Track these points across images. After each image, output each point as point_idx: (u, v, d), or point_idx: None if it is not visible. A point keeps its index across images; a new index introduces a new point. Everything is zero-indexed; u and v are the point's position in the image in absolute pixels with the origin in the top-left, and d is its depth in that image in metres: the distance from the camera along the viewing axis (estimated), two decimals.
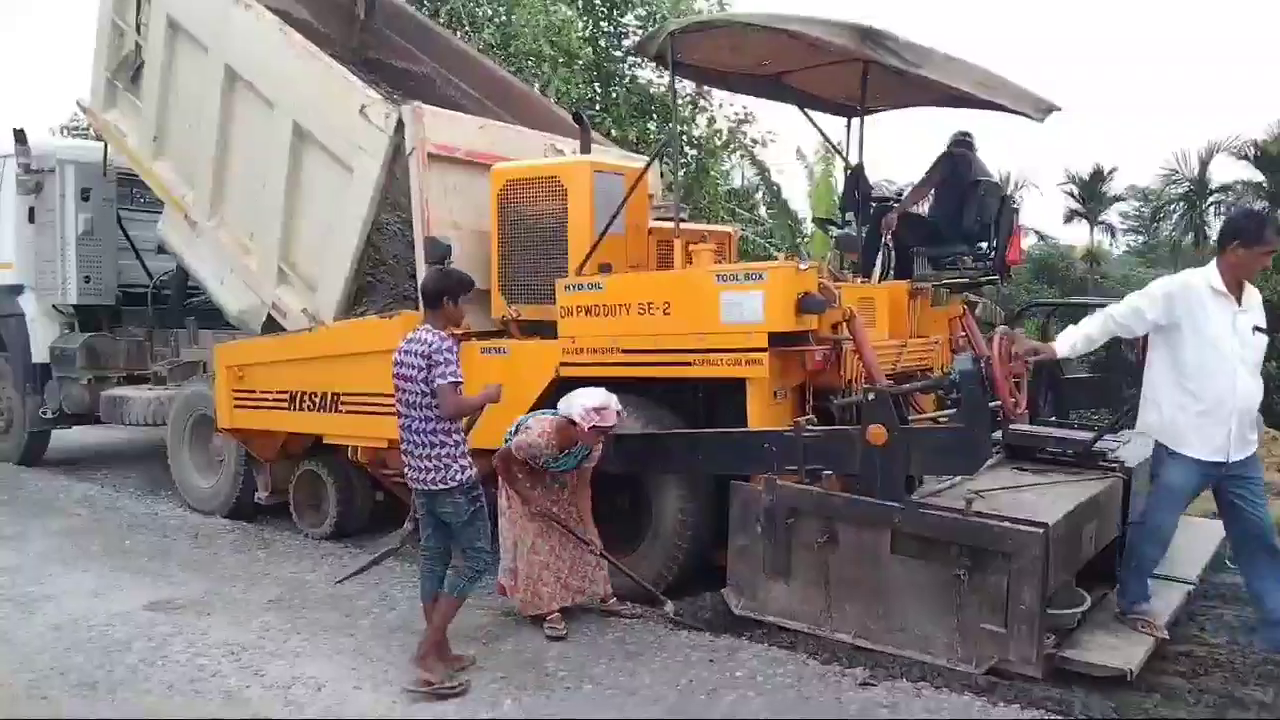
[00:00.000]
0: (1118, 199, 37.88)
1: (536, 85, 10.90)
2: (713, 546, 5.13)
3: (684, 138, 12.39)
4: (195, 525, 7.10)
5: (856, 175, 6.07)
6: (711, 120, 12.75)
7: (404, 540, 5.60)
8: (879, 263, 6.35)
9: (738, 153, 14.75)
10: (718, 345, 4.90)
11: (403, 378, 4.31)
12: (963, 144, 6.23)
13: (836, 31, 4.67)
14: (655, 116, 12.30)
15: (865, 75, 5.55)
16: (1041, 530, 3.95)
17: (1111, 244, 39.95)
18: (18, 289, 9.15)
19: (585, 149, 6.46)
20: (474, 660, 4.41)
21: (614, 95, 12.68)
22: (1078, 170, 36.68)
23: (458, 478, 4.24)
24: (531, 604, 4.82)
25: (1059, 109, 5.84)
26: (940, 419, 4.67)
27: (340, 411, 6.19)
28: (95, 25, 8.07)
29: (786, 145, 32.39)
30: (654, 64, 5.81)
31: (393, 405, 5.74)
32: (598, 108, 11.86)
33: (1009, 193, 6.27)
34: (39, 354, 9.06)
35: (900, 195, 6.61)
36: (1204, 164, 33.53)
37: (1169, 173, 34.72)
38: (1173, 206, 35.54)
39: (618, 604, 5.07)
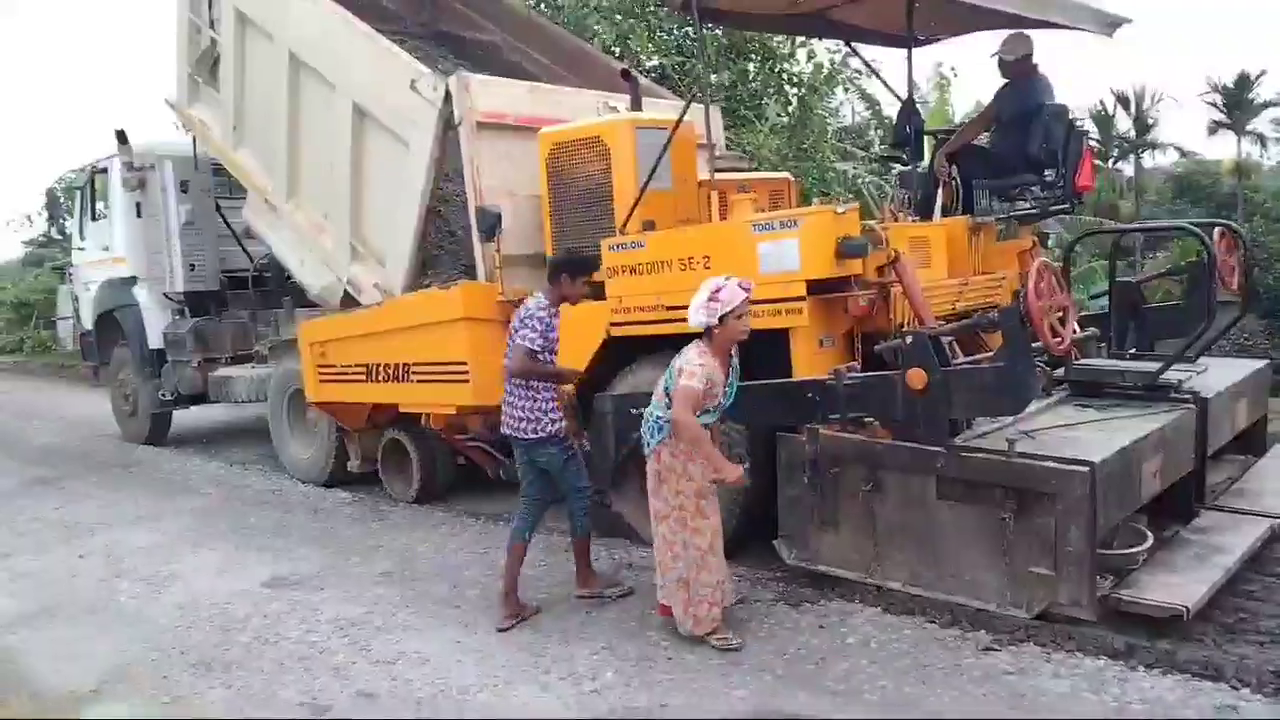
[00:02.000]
0: (1268, 104, 35.16)
1: (612, 39, 10.72)
2: (771, 499, 5.12)
3: (784, 76, 12.01)
4: (315, 500, 7.35)
5: (908, 110, 5.84)
6: (812, 54, 12.09)
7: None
8: (950, 199, 6.11)
9: (844, 87, 14.00)
10: (758, 296, 4.80)
11: (509, 337, 4.72)
12: (1020, 70, 5.87)
13: None
14: (755, 57, 11.78)
15: (912, 4, 5.32)
16: (1087, 469, 3.79)
17: (1263, 155, 37.20)
18: (131, 281, 9.82)
19: (636, 105, 6.42)
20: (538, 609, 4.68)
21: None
22: (1220, 78, 34.09)
23: (549, 429, 4.68)
24: (706, 623, 4.19)
25: (1127, 21, 5.49)
26: (981, 360, 4.49)
27: (411, 381, 6.41)
28: (174, 24, 8.47)
29: (894, 75, 30.96)
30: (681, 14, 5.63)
31: (458, 373, 6.00)
32: (681, 55, 11.46)
33: (1075, 117, 5.85)
34: (154, 340, 9.71)
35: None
36: None
37: None
38: None
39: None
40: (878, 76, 7.65)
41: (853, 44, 6.16)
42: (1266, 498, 4.88)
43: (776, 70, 11.90)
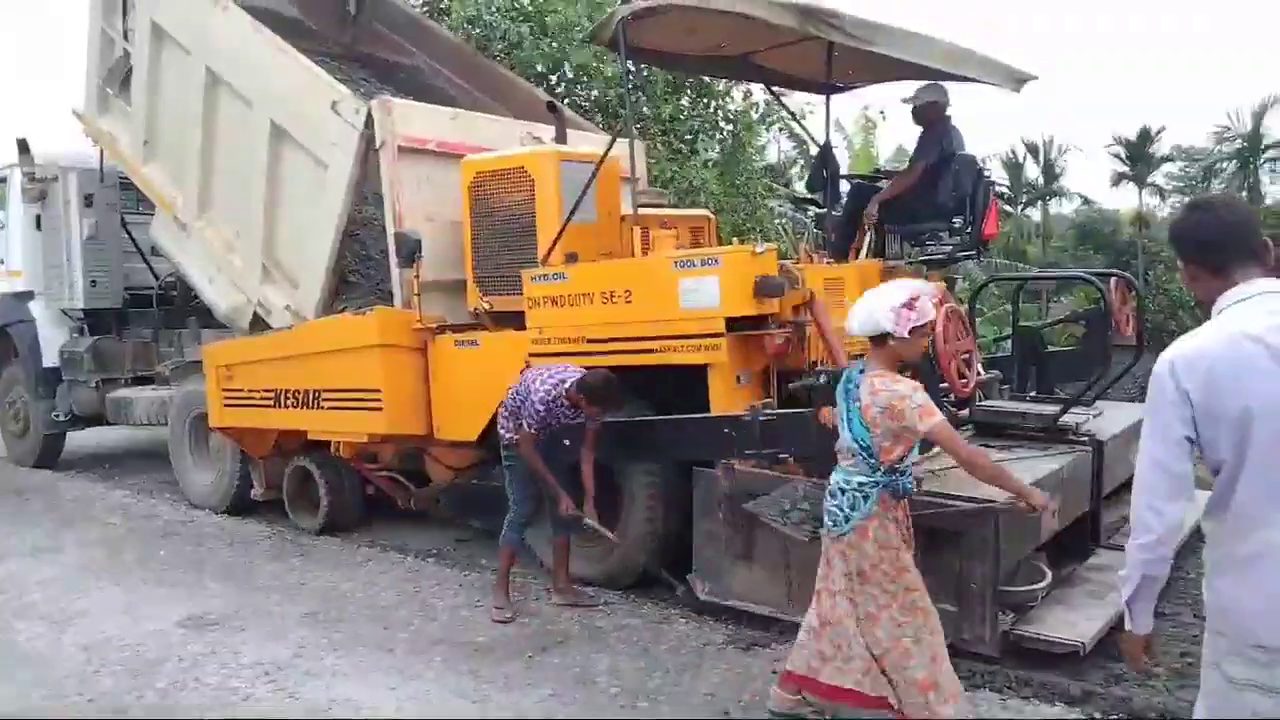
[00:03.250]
0: (1167, 159, 37.20)
1: (560, 67, 10.71)
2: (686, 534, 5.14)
3: (719, 113, 12.20)
4: (230, 531, 6.98)
5: (825, 154, 6.00)
6: (748, 94, 12.27)
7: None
8: (867, 243, 6.28)
9: (775, 126, 14.26)
10: (677, 332, 4.90)
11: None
12: (936, 116, 6.11)
13: (779, 12, 4.62)
14: (690, 92, 11.90)
15: (831, 52, 5.49)
16: (991, 509, 3.91)
17: (1159, 206, 39.29)
18: (27, 295, 9.39)
19: (561, 137, 6.46)
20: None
21: (645, 72, 12.18)
22: (1124, 132, 35.99)
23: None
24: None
25: (1033, 78, 5.72)
26: None
27: (322, 408, 6.27)
28: (85, 34, 8.21)
29: (820, 118, 31.80)
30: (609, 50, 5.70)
31: (371, 401, 5.89)
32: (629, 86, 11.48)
33: (983, 166, 6.09)
34: (50, 358, 9.27)
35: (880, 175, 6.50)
36: (1258, 119, 32.74)
37: (1221, 130, 33.93)
38: (1224, 165, 34.72)
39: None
40: (798, 121, 7.86)
41: (773, 89, 6.28)
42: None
43: (711, 108, 12.09)
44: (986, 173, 6.02)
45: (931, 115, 5.91)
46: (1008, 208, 39.19)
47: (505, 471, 5.10)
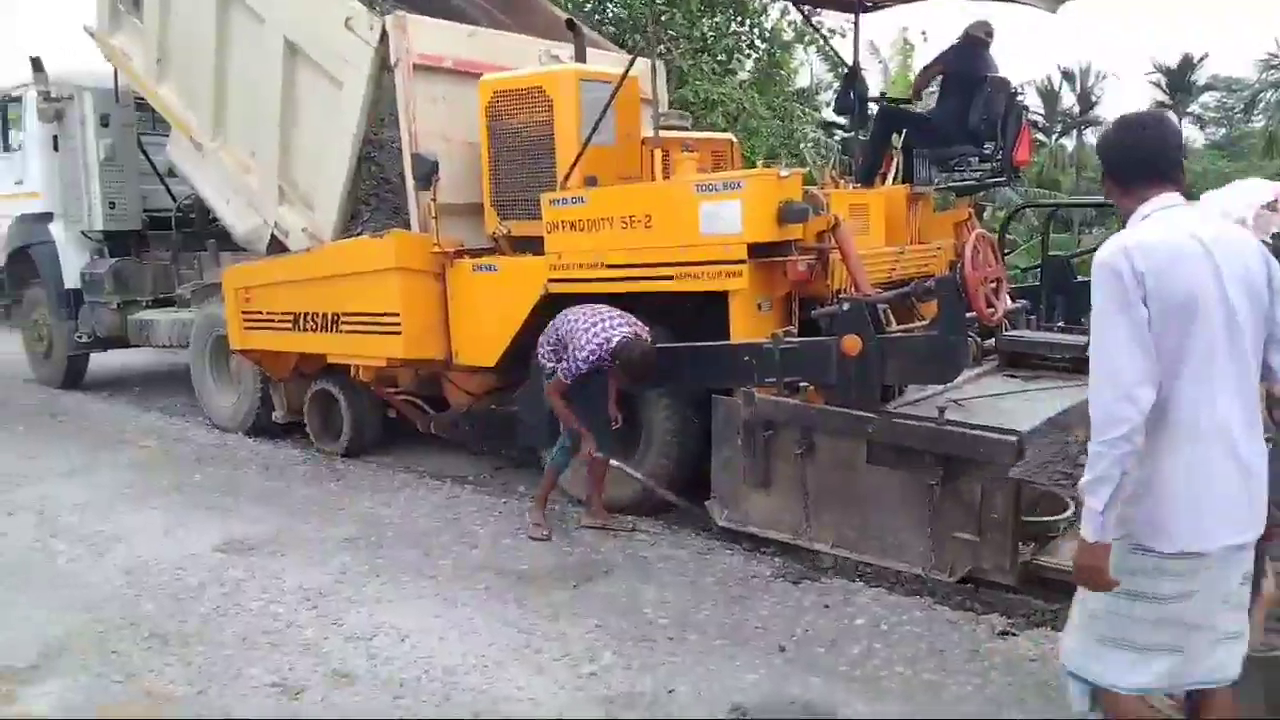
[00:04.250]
0: (1208, 88, 36.14)
1: None
2: (704, 460, 5.13)
3: (755, 31, 11.83)
4: (266, 456, 6.91)
5: (852, 76, 5.81)
6: (785, 11, 11.79)
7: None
8: (895, 168, 6.12)
9: (811, 46, 13.85)
10: (698, 258, 4.81)
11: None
12: (975, 37, 5.90)
13: None
14: (727, 10, 11.48)
15: None
16: (1014, 438, 3.86)
17: (1200, 138, 38.33)
18: (47, 217, 9.34)
19: (580, 57, 6.29)
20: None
21: None
22: (1164, 60, 34.88)
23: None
24: None
25: None
26: (914, 329, 4.53)
27: (341, 331, 6.24)
28: None
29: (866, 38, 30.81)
30: None
31: (389, 325, 5.86)
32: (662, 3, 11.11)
33: (1016, 90, 5.89)
34: (71, 280, 9.27)
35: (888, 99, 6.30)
36: None
37: (1267, 59, 32.77)
38: (1270, 95, 33.62)
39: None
40: (826, 42, 7.60)
41: (801, 6, 6.06)
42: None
43: (747, 25, 11.73)
44: (1020, 97, 5.81)
45: (973, 39, 5.71)
46: (1041, 136, 38.43)
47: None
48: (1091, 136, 39.74)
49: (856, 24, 5.93)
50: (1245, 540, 2.22)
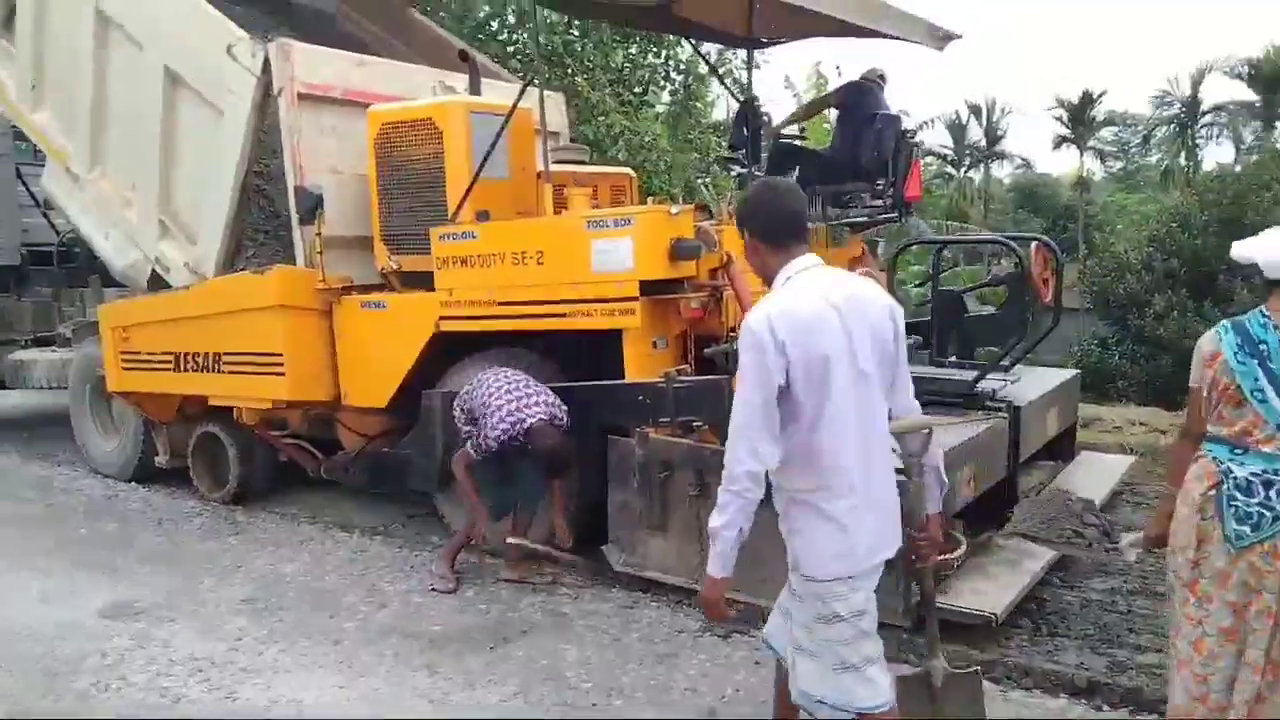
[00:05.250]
0: (1107, 123, 37.79)
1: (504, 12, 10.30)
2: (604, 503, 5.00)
3: (670, 63, 11.85)
4: (160, 507, 6.51)
5: (746, 111, 5.81)
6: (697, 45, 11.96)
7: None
8: None
9: (728, 79, 13.97)
10: (591, 295, 4.72)
11: None
12: (868, 80, 5.98)
13: None
14: (640, 40, 11.43)
15: (752, 4, 5.28)
16: (902, 478, 3.81)
17: (1099, 170, 40.02)
18: None
19: (475, 88, 6.17)
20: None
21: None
22: (1067, 95, 36.42)
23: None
24: None
25: (957, 36, 5.62)
26: None
27: (223, 372, 5.97)
28: None
29: (774, 72, 31.18)
30: None
31: (273, 365, 5.62)
32: (576, 33, 11.15)
33: (908, 128, 5.97)
34: None
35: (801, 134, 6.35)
36: (1196, 84, 33.31)
37: (1160, 95, 34.46)
38: (1163, 130, 35.31)
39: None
40: (718, 77, 7.63)
41: (693, 41, 6.07)
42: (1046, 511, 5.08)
43: (663, 57, 11.77)
44: (909, 134, 5.89)
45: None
46: (950, 169, 39.64)
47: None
48: (998, 170, 41.28)
49: (750, 58, 5.96)
50: (880, 560, 2.59)
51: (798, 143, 6.27)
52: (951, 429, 4.55)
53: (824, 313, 2.46)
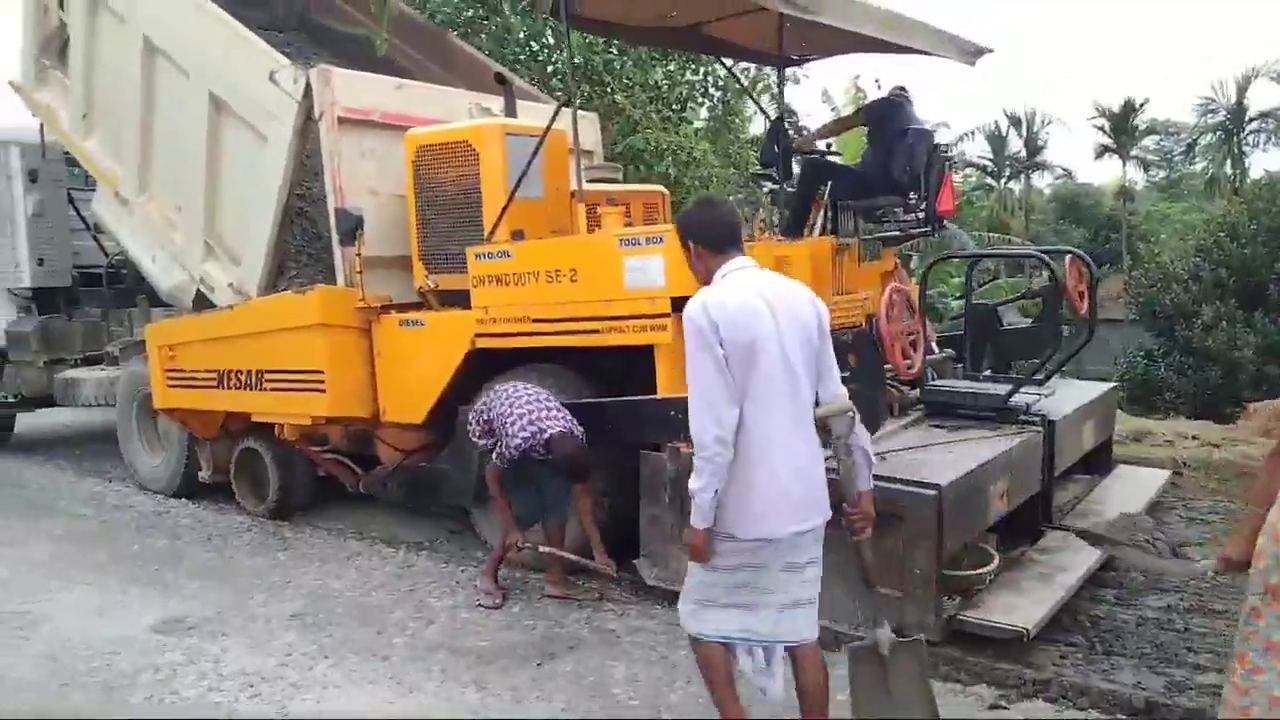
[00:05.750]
0: (1150, 131, 37.21)
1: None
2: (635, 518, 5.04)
3: (709, 79, 11.95)
4: (209, 524, 6.61)
5: (778, 127, 5.86)
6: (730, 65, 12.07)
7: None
8: (820, 220, 6.15)
9: (765, 96, 14.01)
10: (623, 312, 4.77)
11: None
12: (895, 96, 6.00)
13: None
14: (678, 58, 11.37)
15: (782, 23, 5.34)
16: (934, 491, 3.83)
17: (1142, 180, 39.35)
18: None
19: (510, 110, 6.28)
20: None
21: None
22: (1108, 104, 35.85)
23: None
24: None
25: (988, 51, 5.63)
26: None
27: (265, 389, 6.11)
28: (19, 2, 7.92)
29: (813, 85, 31.05)
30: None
31: (314, 383, 5.74)
32: (615, 51, 11.09)
33: (940, 142, 5.97)
34: None
35: (829, 149, 6.37)
36: (1241, 91, 32.65)
37: (1205, 102, 33.80)
38: (1208, 138, 34.59)
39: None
40: (749, 95, 7.67)
41: (724, 60, 6.13)
42: (1109, 518, 5.04)
43: (701, 74, 11.87)
44: (942, 148, 5.89)
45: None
46: (990, 181, 39.30)
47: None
48: (1038, 180, 40.83)
49: (781, 76, 6.01)
50: (807, 527, 2.88)
51: (830, 158, 6.26)
52: (985, 443, 4.55)
53: (752, 303, 2.80)
